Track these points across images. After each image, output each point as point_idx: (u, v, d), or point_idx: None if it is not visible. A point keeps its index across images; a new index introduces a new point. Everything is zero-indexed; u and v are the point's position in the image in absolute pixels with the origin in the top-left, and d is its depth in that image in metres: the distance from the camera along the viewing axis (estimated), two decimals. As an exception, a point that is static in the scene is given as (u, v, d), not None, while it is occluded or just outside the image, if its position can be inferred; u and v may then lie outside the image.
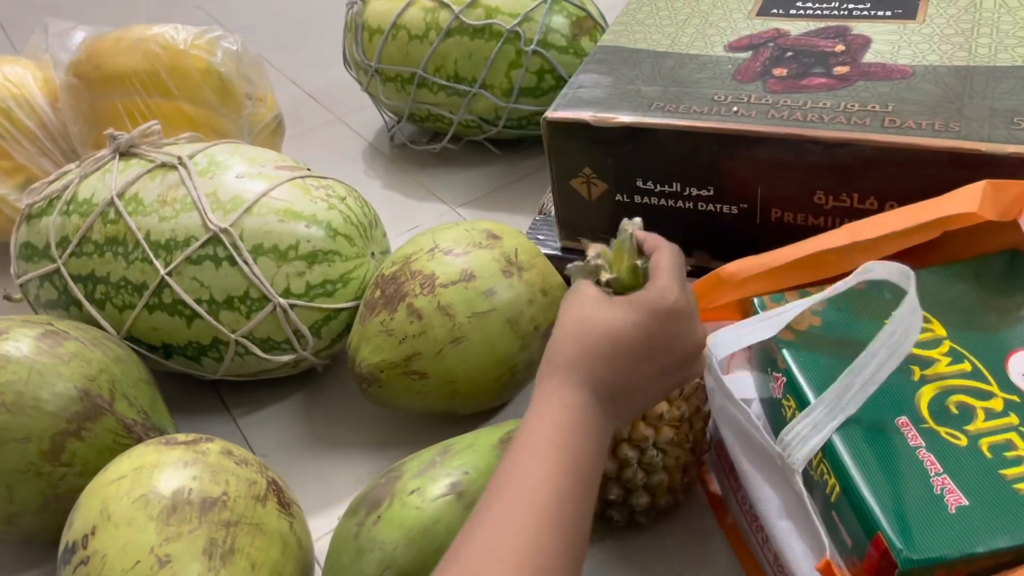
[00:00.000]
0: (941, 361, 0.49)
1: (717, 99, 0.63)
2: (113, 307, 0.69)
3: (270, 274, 0.66)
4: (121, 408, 0.61)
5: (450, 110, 0.95)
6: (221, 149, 0.72)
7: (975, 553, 0.40)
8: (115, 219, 0.69)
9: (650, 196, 0.66)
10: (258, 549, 0.51)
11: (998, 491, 0.42)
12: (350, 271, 0.68)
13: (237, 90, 0.87)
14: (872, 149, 0.57)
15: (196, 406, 0.76)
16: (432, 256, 0.65)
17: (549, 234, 0.75)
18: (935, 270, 0.55)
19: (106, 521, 0.50)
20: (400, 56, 0.94)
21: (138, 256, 0.67)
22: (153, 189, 0.69)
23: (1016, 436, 0.45)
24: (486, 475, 0.49)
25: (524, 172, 0.99)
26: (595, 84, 0.68)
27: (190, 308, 0.67)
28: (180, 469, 0.52)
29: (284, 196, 0.68)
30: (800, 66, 0.66)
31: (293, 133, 1.11)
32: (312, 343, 0.68)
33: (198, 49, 0.86)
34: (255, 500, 0.53)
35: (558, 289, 0.67)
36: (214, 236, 0.66)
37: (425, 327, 0.63)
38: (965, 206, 0.51)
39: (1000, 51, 0.63)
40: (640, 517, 0.59)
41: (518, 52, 0.90)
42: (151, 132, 0.73)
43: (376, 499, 0.51)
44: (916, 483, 0.43)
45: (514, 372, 0.65)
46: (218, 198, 0.67)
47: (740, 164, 0.62)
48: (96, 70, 0.87)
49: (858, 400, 0.45)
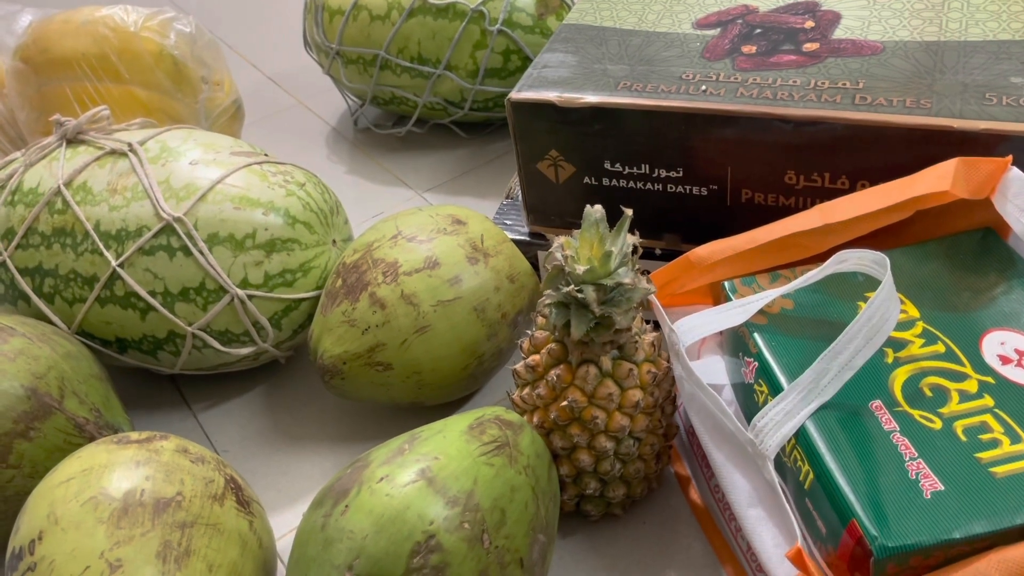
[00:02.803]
0: (915, 343, 0.48)
1: (685, 78, 0.62)
2: (63, 301, 0.66)
3: (226, 264, 0.63)
4: (71, 406, 0.59)
5: (414, 93, 0.93)
6: (174, 135, 0.69)
7: (951, 539, 0.39)
8: (63, 209, 0.66)
9: (618, 178, 0.65)
10: (215, 550, 0.49)
11: (974, 475, 0.41)
12: (310, 260, 0.66)
13: (192, 74, 0.84)
14: (843, 127, 0.55)
15: (155, 402, 0.73)
16: (395, 243, 0.63)
17: (517, 219, 0.74)
18: (907, 250, 0.54)
19: (53, 525, 0.48)
20: (362, 38, 0.91)
21: (88, 247, 0.65)
22: (102, 177, 0.66)
23: (991, 418, 0.44)
24: (456, 460, 0.47)
25: (492, 155, 0.97)
26: (560, 64, 0.66)
27: (144, 301, 0.64)
28: (132, 469, 0.50)
29: (240, 183, 0.65)
30: (769, 43, 0.64)
31: (254, 118, 1.08)
32: (272, 335, 0.66)
33: (149, 31, 0.82)
34: (212, 499, 0.51)
35: (525, 275, 0.65)
36: (167, 225, 0.63)
37: (388, 316, 0.61)
38: (938, 185, 0.50)
39: (971, 25, 0.62)
40: (616, 508, 0.58)
41: (483, 32, 0.87)
42: (100, 118, 0.70)
43: (343, 488, 0.50)
44: (891, 468, 0.42)
45: (481, 361, 0.63)
46: (171, 186, 0.65)
47: (709, 144, 0.60)
48: (43, 54, 0.83)
49: (834, 386, 0.44)
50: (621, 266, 0.51)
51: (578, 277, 0.50)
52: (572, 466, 0.55)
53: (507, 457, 0.49)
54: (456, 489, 0.46)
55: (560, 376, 0.53)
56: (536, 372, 0.55)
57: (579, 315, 0.51)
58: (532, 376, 0.55)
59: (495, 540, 0.46)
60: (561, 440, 0.54)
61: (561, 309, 0.52)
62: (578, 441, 0.53)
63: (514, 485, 0.48)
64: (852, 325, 0.45)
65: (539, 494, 0.49)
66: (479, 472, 0.47)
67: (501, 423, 0.51)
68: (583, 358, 0.53)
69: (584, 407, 0.53)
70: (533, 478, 0.49)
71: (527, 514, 0.48)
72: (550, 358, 0.54)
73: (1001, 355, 0.47)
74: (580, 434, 0.53)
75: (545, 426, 0.54)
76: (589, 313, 0.50)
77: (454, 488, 0.46)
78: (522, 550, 0.47)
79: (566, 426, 0.54)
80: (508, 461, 0.49)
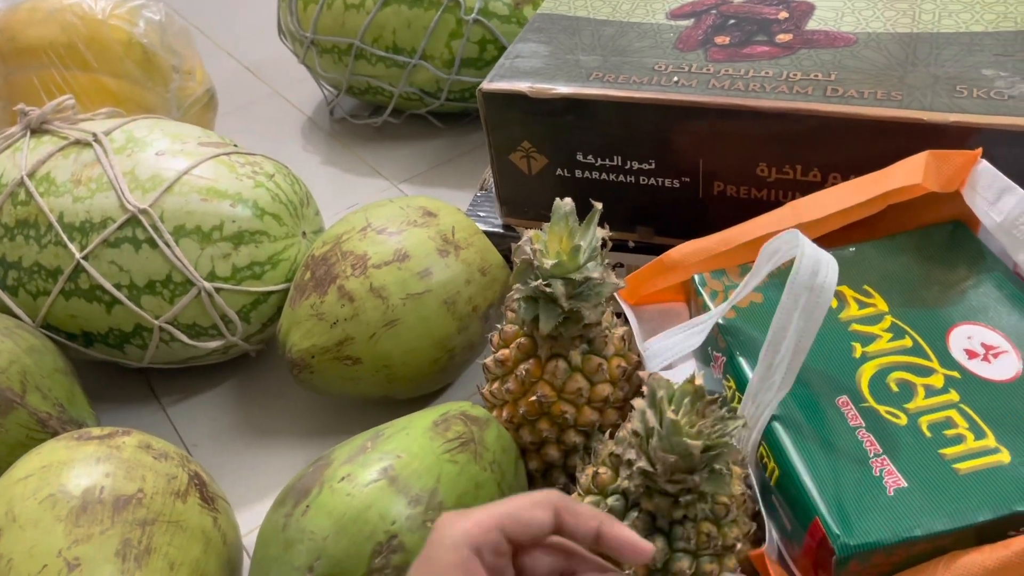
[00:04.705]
0: (883, 337, 0.48)
1: (657, 69, 0.61)
2: (27, 294, 0.65)
3: (193, 256, 0.63)
4: (34, 401, 0.58)
5: (390, 82, 0.92)
6: (140, 125, 0.68)
7: (913, 537, 0.39)
8: (26, 200, 0.64)
9: (591, 170, 0.64)
10: (177, 548, 0.48)
11: (937, 472, 0.41)
12: (279, 252, 0.65)
13: (162, 62, 0.83)
14: (814, 119, 0.55)
15: (123, 396, 0.73)
16: (364, 235, 0.62)
17: (491, 211, 0.73)
18: (877, 243, 0.54)
19: (11, 523, 0.47)
20: (336, 26, 0.90)
21: (51, 239, 0.63)
22: (66, 168, 0.65)
23: (956, 413, 0.44)
24: (419, 458, 0.47)
25: (468, 146, 0.96)
26: (533, 54, 0.65)
27: (109, 294, 0.63)
28: (91, 466, 0.49)
29: (207, 174, 0.64)
30: (743, 34, 0.64)
31: (228, 108, 1.07)
32: (241, 328, 0.65)
33: (118, 19, 0.81)
34: (174, 496, 0.50)
35: (497, 268, 0.65)
36: (132, 217, 0.62)
37: (357, 310, 0.60)
38: (909, 179, 0.50)
39: (944, 17, 0.62)
40: (584, 503, 0.57)
41: (458, 21, 0.86)
42: (64, 107, 0.69)
43: (304, 488, 0.49)
44: (855, 465, 0.42)
45: (452, 355, 0.63)
46: (136, 177, 0.64)
47: (681, 136, 0.59)
48: (10, 43, 0.82)
49: (790, 377, 0.43)
50: (590, 260, 0.50)
51: (546, 271, 0.49)
52: (541, 461, 0.55)
53: (472, 453, 0.48)
54: (419, 487, 0.45)
55: (529, 371, 0.52)
56: (505, 366, 0.54)
57: (548, 309, 0.50)
58: (502, 371, 0.55)
59: (458, 537, 0.45)
60: (530, 435, 0.54)
61: (530, 303, 0.51)
62: (547, 436, 0.53)
63: (479, 482, 0.47)
64: (778, 313, 0.43)
65: (505, 489, 0.49)
66: (443, 470, 0.47)
67: (466, 419, 0.51)
68: (552, 352, 0.52)
69: (553, 402, 0.52)
70: (499, 474, 0.49)
71: (492, 511, 0.47)
72: (519, 352, 0.54)
73: (968, 349, 0.47)
74: (549, 429, 0.53)
75: (514, 421, 0.54)
76: (558, 307, 0.50)
77: (416, 487, 0.45)
78: (487, 547, 0.47)
79: (535, 421, 0.53)
80: (473, 457, 0.48)
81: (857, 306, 0.50)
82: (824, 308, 0.42)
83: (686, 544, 0.40)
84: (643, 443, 0.40)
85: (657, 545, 0.40)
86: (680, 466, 0.38)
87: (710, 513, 0.41)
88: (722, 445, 0.38)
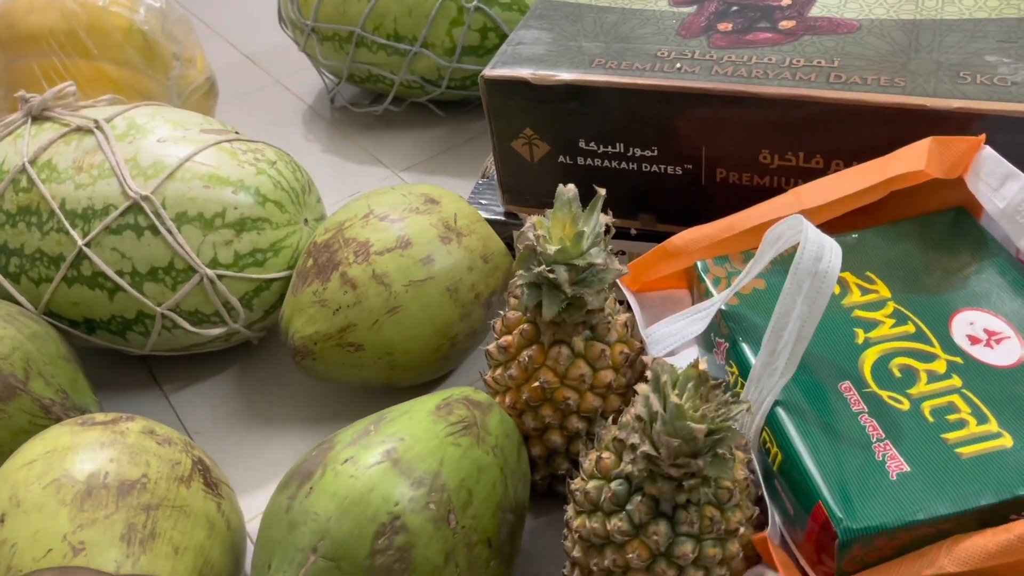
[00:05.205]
0: (885, 323, 0.48)
1: (660, 55, 0.61)
2: (29, 281, 0.65)
3: (195, 243, 0.63)
4: (37, 387, 0.58)
5: (391, 70, 0.91)
6: (142, 112, 0.68)
7: (915, 521, 0.39)
8: (27, 187, 0.64)
9: (593, 157, 0.64)
10: (181, 532, 0.48)
11: (940, 456, 0.41)
12: (281, 239, 0.65)
13: (163, 50, 0.83)
14: (817, 106, 0.55)
15: (126, 383, 0.73)
16: (367, 222, 0.62)
17: (492, 198, 0.73)
18: (879, 230, 0.54)
19: (15, 508, 0.47)
20: (337, 14, 0.90)
21: (53, 226, 0.63)
22: (68, 155, 0.65)
23: (958, 398, 0.44)
24: (422, 441, 0.47)
25: (470, 134, 0.96)
26: (535, 40, 0.65)
27: (111, 280, 0.63)
28: (96, 451, 0.49)
29: (209, 161, 0.64)
30: (745, 20, 0.63)
31: (229, 96, 1.06)
32: (243, 315, 0.65)
33: (118, 6, 0.81)
34: (178, 481, 0.50)
35: (499, 255, 0.65)
36: (134, 204, 0.62)
37: (360, 297, 0.60)
38: (913, 165, 0.50)
39: (947, 3, 0.62)
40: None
41: (460, 9, 0.86)
42: (65, 94, 0.69)
43: (308, 471, 0.49)
44: (858, 450, 0.42)
45: (454, 342, 0.63)
46: (138, 163, 0.64)
47: (683, 123, 0.59)
48: (10, 30, 0.82)
49: (793, 363, 0.43)
50: (593, 246, 0.50)
51: (549, 257, 0.49)
52: (544, 447, 0.55)
53: (474, 437, 0.48)
54: (422, 470, 0.45)
55: (532, 357, 0.52)
56: (508, 353, 0.54)
57: (551, 296, 0.50)
58: (504, 357, 0.55)
59: (462, 520, 0.45)
60: (533, 421, 0.54)
61: (533, 289, 0.51)
62: (550, 422, 0.53)
63: (481, 465, 0.47)
64: (781, 299, 0.43)
65: (508, 474, 0.49)
66: (445, 452, 0.47)
67: (469, 403, 0.51)
68: (555, 339, 0.53)
69: (556, 388, 0.52)
70: (501, 458, 0.49)
71: (495, 494, 0.48)
72: (522, 339, 0.54)
73: (970, 335, 0.47)
74: (552, 415, 0.53)
75: (517, 407, 0.54)
76: (561, 294, 0.50)
77: (420, 469, 0.45)
78: (490, 530, 0.47)
79: (538, 407, 0.53)
80: (475, 441, 0.48)
81: (860, 292, 0.50)
82: (827, 294, 0.42)
83: (689, 528, 0.41)
84: (647, 427, 0.40)
85: (660, 529, 0.40)
86: (684, 450, 0.38)
87: (713, 497, 0.41)
88: (726, 429, 0.38)
